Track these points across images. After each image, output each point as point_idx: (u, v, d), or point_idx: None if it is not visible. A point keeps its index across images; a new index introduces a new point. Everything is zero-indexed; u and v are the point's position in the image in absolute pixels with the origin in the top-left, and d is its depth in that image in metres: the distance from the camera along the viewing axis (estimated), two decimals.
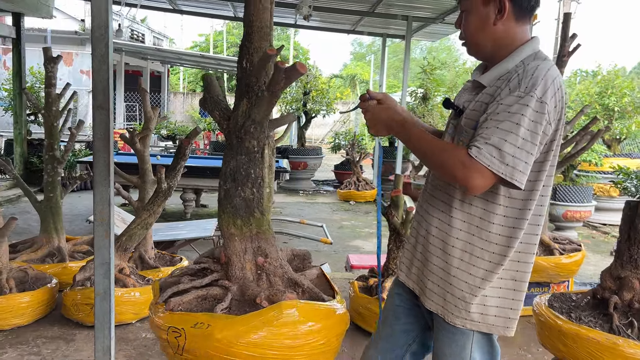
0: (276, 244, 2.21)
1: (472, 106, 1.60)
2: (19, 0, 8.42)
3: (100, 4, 2.55)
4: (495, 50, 1.61)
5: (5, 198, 8.20)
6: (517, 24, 1.59)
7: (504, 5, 1.55)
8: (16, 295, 3.37)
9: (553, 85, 1.46)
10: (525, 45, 1.58)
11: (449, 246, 1.62)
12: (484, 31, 1.60)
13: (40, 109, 4.29)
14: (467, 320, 1.60)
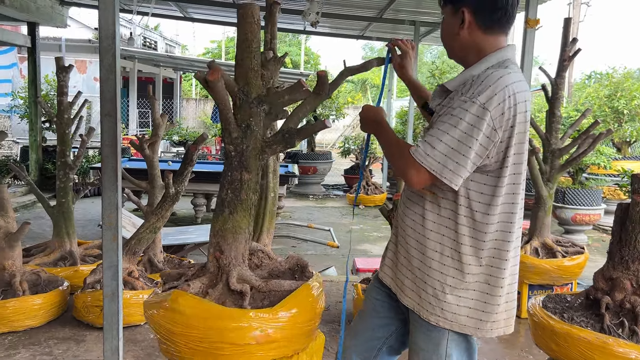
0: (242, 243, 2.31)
1: (439, 111, 1.67)
2: (34, 10, 8.62)
3: (108, 16, 2.65)
4: (465, 56, 1.71)
5: (21, 204, 8.38)
6: (485, 34, 1.65)
7: (465, 19, 1.65)
8: (29, 298, 3.47)
9: (502, 93, 1.52)
10: (493, 53, 1.64)
11: (422, 245, 1.69)
12: (452, 38, 1.72)
13: (53, 116, 4.42)
14: (441, 318, 1.65)
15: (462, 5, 1.65)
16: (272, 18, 3.61)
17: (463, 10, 1.64)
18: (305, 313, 2.15)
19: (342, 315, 2.18)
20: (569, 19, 4.07)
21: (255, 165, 2.25)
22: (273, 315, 2.07)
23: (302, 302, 2.14)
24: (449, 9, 1.70)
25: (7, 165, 7.65)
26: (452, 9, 1.69)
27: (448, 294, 1.64)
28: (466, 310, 1.64)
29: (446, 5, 1.72)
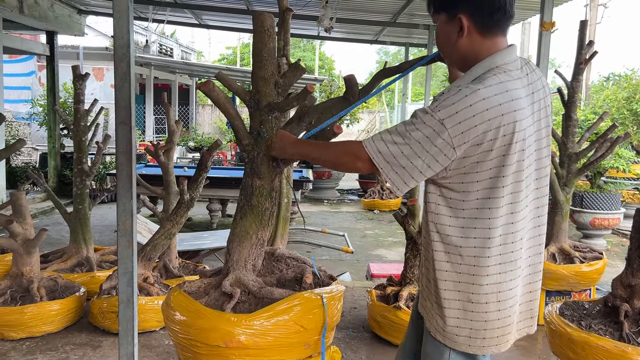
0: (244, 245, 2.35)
1: None
2: (52, 19, 8.76)
3: (122, 25, 2.68)
4: (464, 63, 1.64)
5: (40, 210, 8.50)
6: (483, 37, 1.58)
7: (462, 24, 1.57)
8: (46, 304, 3.51)
9: (464, 112, 1.46)
10: (482, 61, 1.57)
11: (425, 260, 1.69)
12: (449, 46, 1.64)
13: (70, 124, 4.48)
14: (439, 332, 1.62)
15: (458, 12, 1.57)
16: (285, 25, 3.62)
17: (460, 16, 1.57)
18: (289, 325, 2.11)
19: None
20: (585, 21, 4.02)
21: (267, 172, 2.26)
22: (248, 322, 2.07)
23: (285, 313, 2.11)
24: (444, 17, 1.62)
25: (26, 172, 7.78)
26: (447, 17, 1.60)
27: (445, 307, 1.61)
28: (464, 330, 1.60)
29: (439, 13, 1.63)
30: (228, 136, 13.96)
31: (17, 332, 3.42)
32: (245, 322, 2.06)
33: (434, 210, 1.61)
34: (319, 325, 2.20)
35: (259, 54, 2.21)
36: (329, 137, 2.17)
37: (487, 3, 1.55)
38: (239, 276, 2.27)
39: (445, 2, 1.60)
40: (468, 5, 1.56)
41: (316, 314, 2.18)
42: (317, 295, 2.22)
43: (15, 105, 12.80)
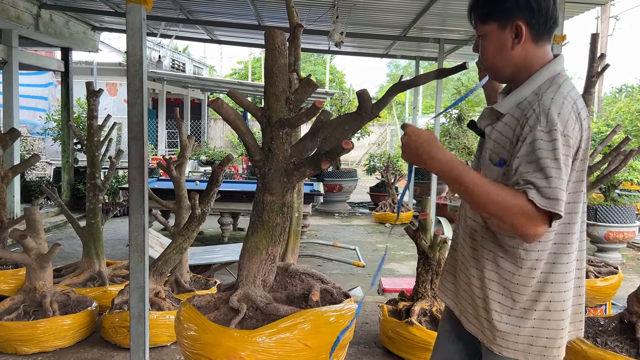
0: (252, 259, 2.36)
1: (494, 136, 1.59)
2: (67, 36, 8.91)
3: (135, 42, 2.72)
4: (516, 73, 1.59)
5: (53, 224, 8.58)
6: (536, 45, 1.56)
7: (521, 30, 1.54)
8: (59, 318, 3.53)
9: (571, 115, 1.45)
10: (543, 69, 1.55)
11: (481, 273, 1.62)
12: (502, 56, 1.58)
13: (83, 139, 4.54)
14: (503, 347, 1.57)
15: (514, 18, 1.54)
16: (296, 40, 3.65)
17: (518, 23, 1.54)
18: (292, 343, 2.08)
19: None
20: (596, 34, 4.01)
21: (279, 188, 2.26)
22: (251, 339, 2.05)
23: (288, 330, 2.09)
24: (495, 26, 1.57)
25: (40, 186, 7.86)
26: (500, 25, 1.56)
27: (509, 323, 1.57)
28: (528, 339, 1.57)
29: (488, 23, 1.59)
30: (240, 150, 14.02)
31: (29, 347, 3.44)
32: (248, 338, 2.05)
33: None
34: (326, 344, 2.16)
35: (270, 70, 2.23)
36: (338, 152, 2.14)
37: (544, 10, 1.54)
38: (247, 292, 2.27)
39: (497, 10, 1.57)
40: (525, 11, 1.53)
41: (322, 333, 2.14)
42: (322, 314, 2.19)
43: (33, 112, 12.99)
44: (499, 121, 1.59)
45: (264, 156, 2.23)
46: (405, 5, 7.16)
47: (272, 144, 2.19)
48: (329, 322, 2.17)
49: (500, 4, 1.56)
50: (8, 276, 4.36)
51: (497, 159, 1.56)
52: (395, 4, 7.17)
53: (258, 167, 2.27)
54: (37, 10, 7.91)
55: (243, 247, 2.36)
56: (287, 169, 2.27)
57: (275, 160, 2.21)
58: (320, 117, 2.26)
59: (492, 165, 1.56)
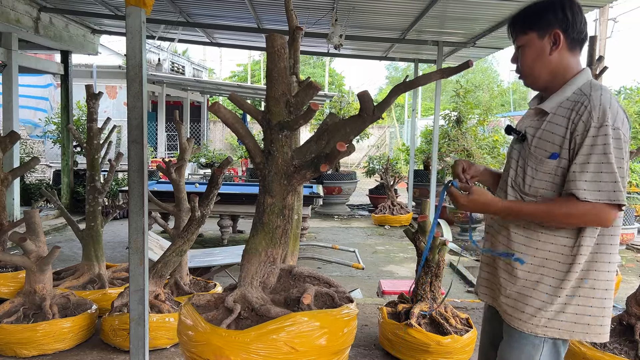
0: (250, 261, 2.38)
1: (540, 134, 1.76)
2: (67, 39, 8.93)
3: (135, 46, 2.73)
4: (551, 79, 1.79)
5: (53, 226, 8.58)
6: (570, 54, 1.77)
7: (559, 37, 1.74)
8: (58, 321, 3.53)
9: (619, 111, 1.65)
10: (578, 75, 1.76)
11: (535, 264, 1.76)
12: (541, 62, 1.78)
13: (83, 142, 4.54)
14: (548, 328, 1.72)
15: (553, 28, 1.74)
16: (295, 43, 3.67)
17: (556, 31, 1.74)
18: (278, 346, 2.08)
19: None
20: (594, 37, 4.02)
21: (279, 190, 2.27)
22: (238, 339, 2.06)
23: (274, 333, 2.08)
24: (534, 35, 1.77)
25: (40, 189, 7.87)
26: (538, 34, 1.76)
27: (560, 301, 1.72)
28: (573, 316, 1.72)
29: (526, 34, 1.78)
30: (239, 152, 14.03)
31: (29, 349, 3.44)
32: (235, 338, 2.06)
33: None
34: (314, 348, 2.13)
35: (269, 74, 2.24)
36: (334, 155, 2.13)
37: (578, 22, 1.75)
38: (244, 292, 2.28)
39: (537, 21, 1.77)
40: (562, 22, 1.74)
41: (310, 337, 2.12)
42: (313, 318, 2.17)
43: (34, 112, 13.00)
44: (544, 121, 1.77)
45: (264, 159, 2.24)
46: (404, 8, 7.18)
47: (271, 146, 2.20)
48: (316, 326, 2.14)
49: (541, 15, 1.77)
50: (8, 279, 4.37)
51: (547, 154, 1.73)
52: (394, 7, 7.20)
53: (259, 169, 2.28)
54: (37, 14, 7.92)
55: (244, 249, 2.37)
56: (287, 172, 2.28)
57: (275, 163, 2.21)
58: (327, 120, 2.27)
59: (546, 159, 1.73)
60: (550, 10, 1.76)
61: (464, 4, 6.69)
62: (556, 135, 1.71)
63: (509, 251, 1.81)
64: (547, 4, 1.77)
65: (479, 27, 7.75)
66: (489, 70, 34.31)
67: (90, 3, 7.77)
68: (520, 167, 1.81)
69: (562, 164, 1.69)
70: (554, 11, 1.75)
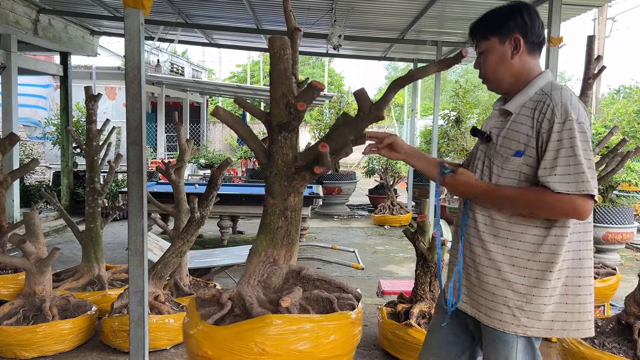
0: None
1: (505, 134, 1.82)
2: (66, 40, 8.93)
3: (134, 48, 2.74)
4: (514, 82, 1.86)
5: (53, 228, 8.58)
6: (530, 57, 1.85)
7: (519, 42, 1.82)
8: (58, 322, 3.53)
9: (580, 106, 1.73)
10: (539, 76, 1.83)
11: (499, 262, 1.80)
12: (503, 66, 1.85)
13: (82, 144, 4.55)
14: (528, 327, 1.75)
15: (513, 33, 1.82)
16: (294, 44, 3.65)
17: (516, 36, 1.81)
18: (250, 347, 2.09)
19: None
20: (592, 37, 4.03)
21: (280, 191, 2.28)
22: (214, 335, 2.12)
23: (246, 332, 2.13)
24: (496, 41, 1.84)
25: (40, 191, 7.87)
26: (500, 39, 1.83)
27: (533, 302, 1.74)
28: (551, 315, 1.76)
29: (489, 38, 1.85)
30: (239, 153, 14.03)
31: (29, 351, 3.44)
32: (212, 333, 2.12)
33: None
34: (288, 353, 2.10)
35: (271, 75, 2.26)
36: (320, 157, 2.12)
37: (536, 26, 1.83)
38: (240, 290, 2.30)
39: (498, 27, 1.84)
40: (522, 27, 1.82)
41: (284, 341, 2.09)
42: (289, 322, 2.13)
43: (35, 110, 13.01)
44: (508, 121, 1.83)
45: (267, 160, 2.26)
46: (403, 9, 7.19)
47: (272, 147, 2.21)
48: (292, 330, 2.11)
49: (501, 21, 1.83)
50: (7, 281, 4.37)
51: (512, 152, 1.78)
52: (393, 7, 7.20)
53: (263, 170, 2.31)
54: (36, 15, 7.93)
55: (250, 249, 2.41)
56: (287, 173, 2.28)
57: (275, 164, 2.22)
58: (339, 121, 2.25)
59: (511, 157, 1.78)
60: (510, 16, 1.82)
61: (463, 4, 6.70)
62: (521, 134, 1.77)
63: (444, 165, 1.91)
64: (506, 11, 1.84)
65: None
66: None
67: (89, 4, 7.78)
68: (487, 166, 1.86)
69: (528, 162, 1.75)
70: (513, 17, 1.82)
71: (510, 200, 1.75)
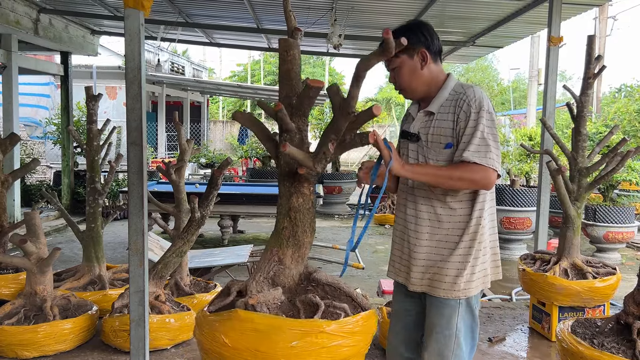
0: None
1: (432, 131, 2.14)
2: (66, 40, 8.94)
3: (134, 48, 2.74)
4: (427, 89, 2.18)
5: (54, 227, 8.60)
6: (435, 65, 2.17)
7: (425, 55, 2.13)
8: (59, 322, 3.54)
9: (489, 101, 2.09)
10: (447, 79, 2.17)
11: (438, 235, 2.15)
12: (416, 77, 2.15)
13: (83, 143, 4.55)
14: (459, 291, 2.08)
15: (419, 48, 2.12)
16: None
17: (422, 50, 2.12)
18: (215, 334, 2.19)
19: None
20: (593, 36, 4.02)
21: (283, 191, 2.32)
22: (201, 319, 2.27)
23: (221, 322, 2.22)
24: (406, 57, 2.12)
25: (41, 190, 7.88)
26: (409, 55, 2.12)
27: (468, 268, 2.09)
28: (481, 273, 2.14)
29: (400, 55, 2.11)
30: (239, 152, 14.02)
31: (30, 351, 3.45)
32: (201, 320, 2.26)
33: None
34: (248, 349, 2.13)
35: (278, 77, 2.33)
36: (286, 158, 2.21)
37: (435, 39, 2.16)
38: (247, 284, 2.33)
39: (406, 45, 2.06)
40: (425, 42, 2.13)
41: (242, 336, 2.13)
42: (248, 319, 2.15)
43: (36, 110, 13.02)
44: (432, 120, 2.14)
45: (277, 161, 2.31)
46: (403, 8, 7.19)
47: (278, 149, 2.23)
48: (251, 327, 2.13)
49: (407, 40, 2.01)
50: (8, 280, 4.37)
51: (442, 145, 2.10)
52: (393, 7, 7.20)
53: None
54: (37, 15, 7.93)
55: None
56: (289, 174, 2.29)
57: (279, 165, 2.26)
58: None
59: (443, 149, 2.10)
60: (413, 34, 2.10)
61: (463, 3, 6.70)
62: (446, 128, 2.09)
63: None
64: (408, 30, 2.11)
65: (478, 26, 7.75)
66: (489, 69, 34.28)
67: (90, 4, 7.78)
68: (422, 161, 2.16)
69: (454, 150, 2.07)
70: (416, 35, 2.11)
71: (435, 175, 2.03)
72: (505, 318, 4.47)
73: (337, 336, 2.17)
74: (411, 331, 2.28)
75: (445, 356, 2.08)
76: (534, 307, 4.18)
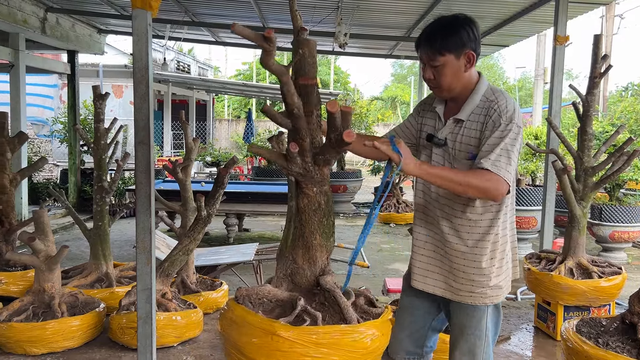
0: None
1: (460, 139, 2.09)
2: (73, 39, 8.98)
3: (141, 48, 2.76)
4: (462, 90, 2.10)
5: (61, 225, 8.65)
6: (473, 67, 2.10)
7: (473, 57, 2.05)
8: (67, 319, 3.57)
9: (520, 114, 2.03)
10: (479, 82, 2.10)
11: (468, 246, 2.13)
12: (457, 79, 2.07)
13: (90, 142, 4.58)
14: (488, 297, 2.10)
15: (467, 49, 2.03)
16: None
17: (470, 52, 2.04)
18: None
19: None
20: (599, 35, 4.02)
21: (293, 192, 2.33)
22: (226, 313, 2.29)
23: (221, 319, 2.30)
24: (452, 56, 2.03)
25: (48, 188, 7.93)
26: (455, 55, 2.03)
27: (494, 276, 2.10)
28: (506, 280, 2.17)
29: (445, 55, 2.02)
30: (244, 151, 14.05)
31: (38, 347, 3.49)
32: (226, 313, 2.29)
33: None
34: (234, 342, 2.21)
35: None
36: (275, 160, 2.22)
37: (480, 40, 2.09)
38: (272, 278, 2.40)
39: (453, 44, 2.03)
40: (473, 43, 2.05)
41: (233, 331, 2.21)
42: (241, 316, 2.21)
43: (42, 110, 13.09)
44: (461, 127, 2.09)
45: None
46: (409, 7, 7.18)
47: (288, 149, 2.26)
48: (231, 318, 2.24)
49: (456, 38, 2.03)
50: (17, 278, 4.42)
51: (467, 155, 2.06)
52: (399, 5, 7.19)
53: None
54: (44, 14, 7.98)
55: None
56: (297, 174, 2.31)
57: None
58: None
59: (466, 160, 2.06)
60: (463, 33, 2.02)
61: (470, 2, 6.69)
62: (473, 138, 2.05)
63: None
64: (457, 27, 2.03)
65: (484, 25, 7.73)
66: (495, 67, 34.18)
67: (97, 3, 7.82)
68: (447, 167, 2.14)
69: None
70: (467, 34, 2.03)
71: (448, 178, 1.93)
72: (510, 317, 4.47)
73: (295, 343, 2.06)
74: (419, 326, 2.31)
75: (477, 354, 2.14)
76: (539, 307, 4.18)
